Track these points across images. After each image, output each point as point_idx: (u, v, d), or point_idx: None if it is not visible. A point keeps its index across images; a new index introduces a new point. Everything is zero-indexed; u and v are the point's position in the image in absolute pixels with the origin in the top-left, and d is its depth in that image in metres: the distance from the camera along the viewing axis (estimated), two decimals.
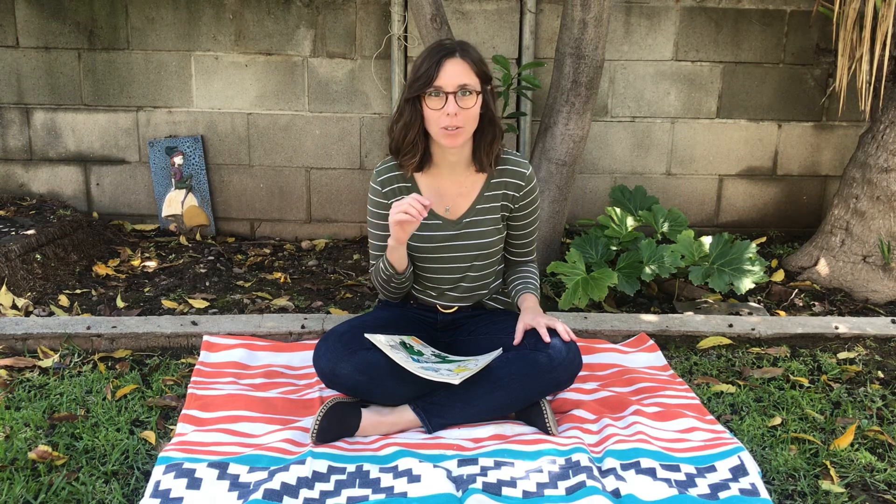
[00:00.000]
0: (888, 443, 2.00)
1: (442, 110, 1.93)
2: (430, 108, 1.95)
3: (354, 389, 1.97)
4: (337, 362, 1.94)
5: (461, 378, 1.89)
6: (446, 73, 1.92)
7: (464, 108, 1.93)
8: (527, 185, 2.13)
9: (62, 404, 2.08)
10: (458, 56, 1.95)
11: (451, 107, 1.92)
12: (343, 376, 1.94)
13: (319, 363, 1.98)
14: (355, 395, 2.01)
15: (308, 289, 3.09)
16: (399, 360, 1.89)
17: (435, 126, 1.97)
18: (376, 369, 1.94)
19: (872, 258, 3.12)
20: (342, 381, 1.96)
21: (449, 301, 2.20)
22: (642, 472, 1.77)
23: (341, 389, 1.99)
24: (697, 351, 2.53)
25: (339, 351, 1.96)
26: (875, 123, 3.15)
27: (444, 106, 1.93)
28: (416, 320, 2.22)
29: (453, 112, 1.92)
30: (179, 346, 2.47)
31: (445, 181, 2.11)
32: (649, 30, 3.57)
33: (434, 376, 1.87)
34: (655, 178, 3.75)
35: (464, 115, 1.94)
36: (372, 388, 1.96)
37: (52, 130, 3.64)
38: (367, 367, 1.94)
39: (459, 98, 1.93)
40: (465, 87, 1.93)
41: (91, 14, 3.51)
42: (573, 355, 2.00)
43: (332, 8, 3.50)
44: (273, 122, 3.63)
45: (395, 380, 1.95)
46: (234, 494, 1.68)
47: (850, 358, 2.48)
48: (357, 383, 1.95)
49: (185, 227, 3.70)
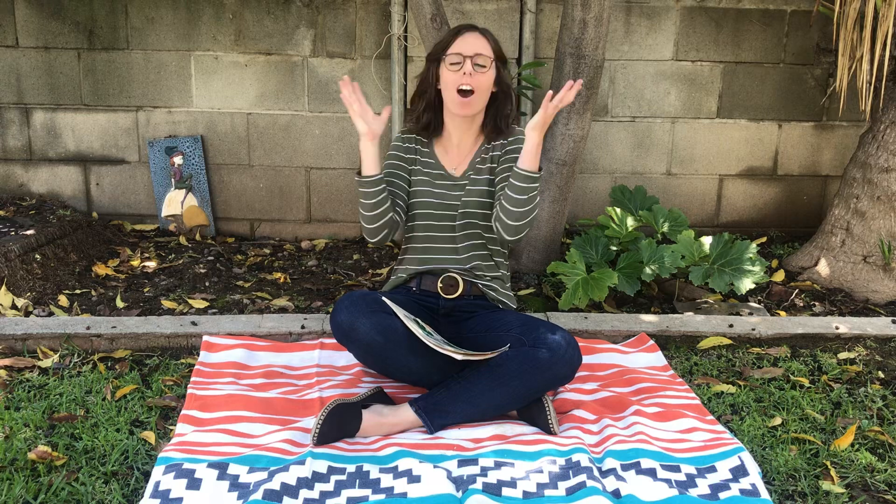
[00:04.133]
0: (888, 443, 2.00)
1: (459, 71, 2.10)
2: (448, 70, 2.12)
3: (368, 348, 1.99)
4: (358, 317, 1.97)
5: (464, 355, 1.92)
6: (466, 40, 2.13)
7: (479, 72, 2.11)
8: (507, 140, 2.23)
9: (62, 404, 2.08)
10: (478, 31, 2.16)
11: (468, 66, 2.10)
12: (361, 332, 1.97)
13: (339, 316, 2.00)
14: (365, 359, 2.05)
15: (308, 289, 3.09)
16: (412, 328, 1.93)
17: (450, 91, 2.13)
18: (394, 333, 1.97)
19: (873, 258, 3.12)
20: (358, 338, 1.98)
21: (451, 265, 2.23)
22: (642, 472, 1.77)
23: (354, 348, 2.02)
24: (698, 351, 2.53)
25: (361, 307, 1.99)
26: (875, 123, 3.15)
27: (462, 67, 2.10)
28: (419, 306, 2.23)
29: (469, 71, 2.09)
30: (179, 346, 2.46)
31: (454, 148, 2.28)
32: (649, 30, 3.57)
33: (440, 346, 1.91)
34: (656, 178, 3.75)
35: (478, 78, 2.11)
36: (384, 352, 1.99)
37: (52, 130, 3.64)
38: (385, 328, 1.97)
39: (476, 65, 2.11)
40: (481, 55, 2.11)
41: (91, 14, 3.51)
42: (573, 350, 2.01)
43: (332, 8, 3.50)
44: (273, 121, 3.63)
45: (406, 349, 1.99)
46: (234, 495, 1.68)
47: (850, 358, 2.48)
48: (372, 342, 1.97)
49: (185, 227, 3.70)
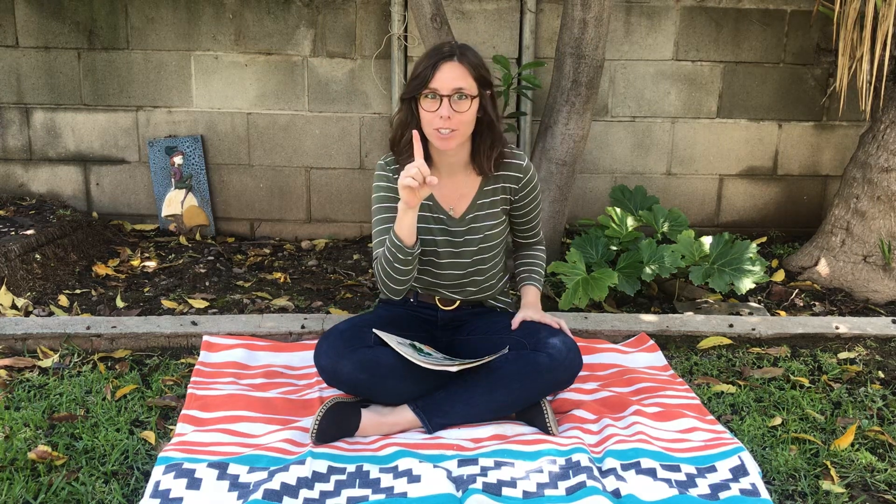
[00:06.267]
0: (888, 443, 2.00)
1: (436, 113, 1.94)
2: (425, 110, 1.97)
3: (355, 387, 1.97)
4: (338, 360, 1.94)
5: (460, 365, 1.91)
6: (442, 75, 1.94)
7: (458, 111, 1.94)
8: (525, 176, 2.14)
9: (62, 404, 2.07)
10: (456, 60, 1.95)
11: (445, 110, 1.93)
12: (344, 374, 1.94)
13: (320, 360, 1.98)
14: (356, 394, 2.01)
15: (308, 289, 3.09)
16: (406, 355, 1.90)
17: (429, 127, 1.98)
18: (377, 367, 1.94)
19: (873, 258, 3.12)
20: (343, 379, 1.96)
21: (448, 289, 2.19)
22: (643, 472, 1.77)
23: (342, 387, 1.99)
24: (698, 351, 2.53)
25: (340, 348, 1.96)
26: (875, 123, 3.15)
27: (439, 108, 1.94)
28: (417, 318, 2.21)
29: (446, 115, 1.93)
30: (179, 346, 2.46)
31: (445, 181, 2.12)
32: (650, 29, 3.57)
33: (437, 365, 1.89)
34: (656, 178, 3.75)
35: (458, 118, 1.95)
36: (372, 387, 1.96)
37: (52, 130, 3.64)
38: (367, 365, 1.93)
39: (454, 102, 1.94)
40: (461, 90, 1.94)
41: (91, 14, 3.51)
42: (574, 355, 2.00)
43: (331, 8, 3.50)
44: (273, 121, 3.63)
45: (395, 378, 1.95)
46: (234, 495, 1.67)
47: (850, 358, 2.48)
48: (357, 381, 1.94)
49: (185, 227, 3.70)
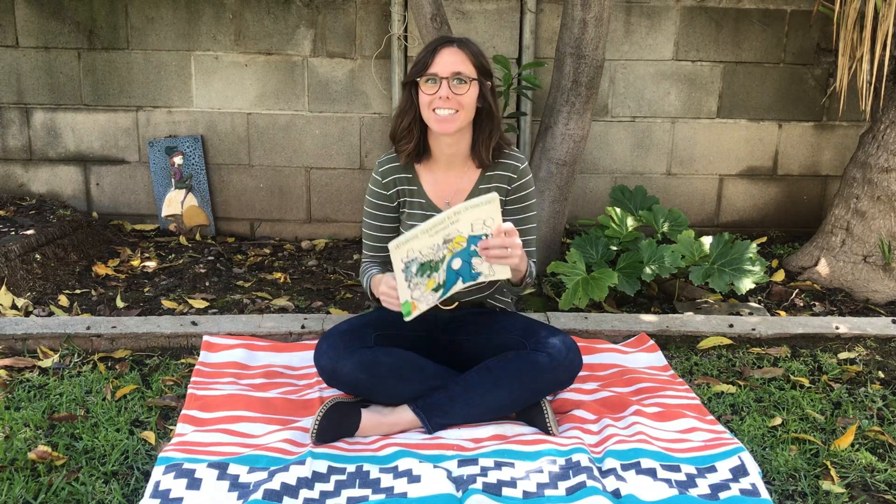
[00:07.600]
0: (889, 443, 2.00)
1: (435, 94, 1.95)
2: (425, 94, 1.97)
3: (354, 387, 1.97)
4: (338, 360, 1.94)
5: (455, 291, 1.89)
6: (442, 59, 1.96)
7: (457, 94, 1.95)
8: (519, 178, 2.12)
9: (62, 404, 2.07)
10: (456, 46, 1.99)
11: (444, 90, 1.94)
12: (343, 374, 1.95)
13: (320, 361, 1.98)
14: (355, 394, 2.01)
15: (308, 289, 3.09)
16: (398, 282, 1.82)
17: (427, 110, 1.99)
18: (377, 368, 1.94)
19: (873, 258, 3.12)
20: (343, 379, 1.96)
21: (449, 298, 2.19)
22: (643, 472, 1.77)
23: (342, 387, 1.99)
24: (698, 351, 2.53)
25: (339, 349, 1.96)
26: (875, 123, 3.15)
27: (438, 90, 1.95)
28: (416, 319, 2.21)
29: (445, 96, 1.94)
30: (179, 346, 2.46)
31: (444, 175, 2.12)
32: (650, 29, 3.57)
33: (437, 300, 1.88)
34: (656, 178, 3.75)
35: (457, 100, 1.96)
36: (372, 387, 1.97)
37: (52, 130, 3.64)
38: (367, 365, 1.94)
39: (453, 85, 1.95)
40: (460, 74, 1.95)
41: (91, 14, 3.51)
42: (573, 355, 2.00)
43: (331, 8, 3.50)
44: (273, 121, 3.63)
45: (395, 378, 1.96)
46: (234, 495, 1.67)
47: (850, 358, 2.48)
48: (357, 381, 1.95)
49: (185, 227, 3.70)
